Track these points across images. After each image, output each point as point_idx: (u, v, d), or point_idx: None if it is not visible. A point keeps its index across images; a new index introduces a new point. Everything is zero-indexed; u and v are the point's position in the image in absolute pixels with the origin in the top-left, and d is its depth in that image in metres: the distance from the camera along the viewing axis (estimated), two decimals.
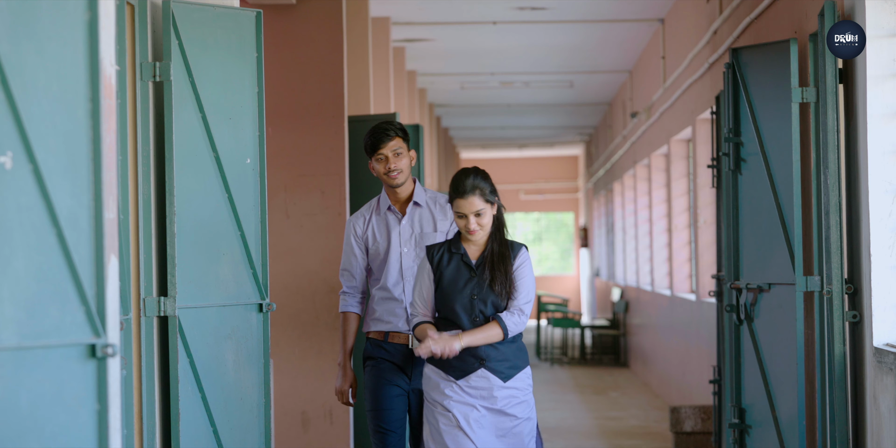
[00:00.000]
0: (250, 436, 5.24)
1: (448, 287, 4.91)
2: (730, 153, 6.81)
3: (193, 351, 5.02)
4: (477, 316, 4.87)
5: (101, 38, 3.35)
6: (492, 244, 4.92)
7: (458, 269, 4.92)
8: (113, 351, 3.28)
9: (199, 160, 5.10)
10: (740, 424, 6.90)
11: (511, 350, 4.92)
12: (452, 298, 4.89)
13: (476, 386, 4.87)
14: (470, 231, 4.88)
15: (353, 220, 5.41)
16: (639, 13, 12.35)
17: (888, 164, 5.38)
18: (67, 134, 3.23)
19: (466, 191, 4.86)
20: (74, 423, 3.23)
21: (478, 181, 4.88)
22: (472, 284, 4.89)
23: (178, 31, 5.02)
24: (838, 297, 5.61)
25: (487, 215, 4.88)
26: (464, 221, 4.89)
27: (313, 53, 8.00)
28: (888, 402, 5.13)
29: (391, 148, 5.26)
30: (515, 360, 4.94)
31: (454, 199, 4.89)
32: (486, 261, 4.90)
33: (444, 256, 4.96)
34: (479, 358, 4.87)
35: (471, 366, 4.88)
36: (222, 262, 5.16)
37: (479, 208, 4.85)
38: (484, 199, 4.86)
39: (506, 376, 4.90)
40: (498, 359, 4.89)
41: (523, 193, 28.00)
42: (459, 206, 4.88)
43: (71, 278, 3.22)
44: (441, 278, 4.94)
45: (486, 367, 4.88)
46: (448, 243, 4.99)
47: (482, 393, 4.87)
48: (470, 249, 4.95)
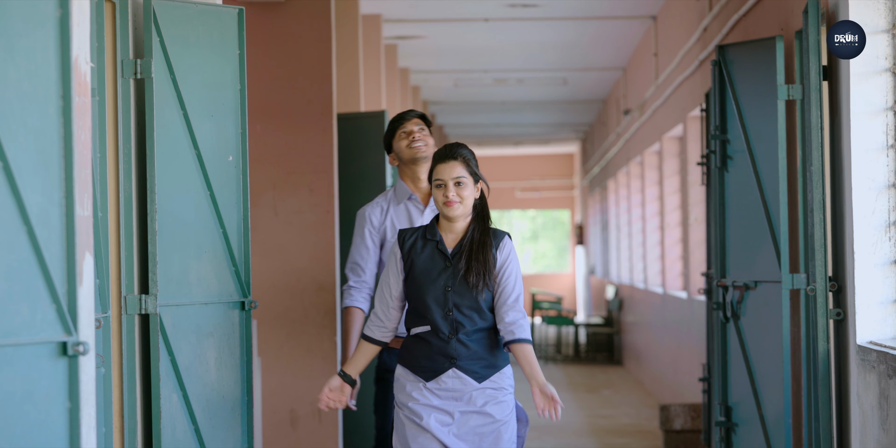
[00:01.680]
0: (232, 434, 5.23)
1: (420, 277, 4.51)
2: (716, 150, 6.80)
3: (175, 349, 5.00)
4: (450, 310, 4.48)
5: (74, 36, 3.34)
6: (472, 233, 4.50)
7: (431, 258, 4.51)
8: (84, 349, 3.27)
9: (181, 157, 5.08)
10: (727, 422, 6.89)
11: (483, 347, 4.51)
12: (424, 289, 4.49)
13: (448, 388, 4.48)
14: (448, 202, 4.46)
15: (368, 210, 5.11)
16: (631, 10, 12.35)
17: (872, 162, 5.37)
18: (38, 131, 3.22)
19: (449, 155, 4.50)
20: (45, 421, 3.22)
21: (464, 151, 4.53)
22: (447, 275, 4.49)
23: (160, 28, 5.00)
24: (822, 294, 5.61)
25: (469, 188, 4.48)
26: (441, 191, 4.47)
27: (302, 51, 7.99)
28: (871, 400, 5.12)
29: (414, 123, 5.10)
30: (492, 359, 4.53)
31: (435, 165, 4.51)
32: (463, 249, 4.48)
33: (416, 242, 4.55)
34: (450, 357, 4.49)
35: (441, 366, 4.49)
36: (204, 260, 5.15)
37: (460, 175, 4.46)
38: (467, 170, 4.49)
39: (481, 376, 4.50)
40: (470, 357, 4.49)
41: (519, 191, 27.98)
42: (439, 172, 4.48)
43: (42, 276, 3.21)
44: (412, 267, 4.53)
45: (458, 367, 4.48)
46: (423, 229, 4.58)
47: (455, 395, 4.48)
48: (447, 237, 4.55)
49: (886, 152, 5.37)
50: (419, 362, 4.52)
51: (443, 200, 4.48)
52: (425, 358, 4.50)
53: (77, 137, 3.35)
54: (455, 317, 4.49)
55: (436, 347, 4.49)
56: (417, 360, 4.52)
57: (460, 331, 4.50)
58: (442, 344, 4.49)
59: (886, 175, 5.36)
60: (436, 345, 4.50)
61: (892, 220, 5.35)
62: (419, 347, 4.55)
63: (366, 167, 8.72)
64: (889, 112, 5.37)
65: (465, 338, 4.50)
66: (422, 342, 4.54)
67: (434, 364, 4.50)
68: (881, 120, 5.37)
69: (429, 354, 4.49)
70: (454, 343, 4.48)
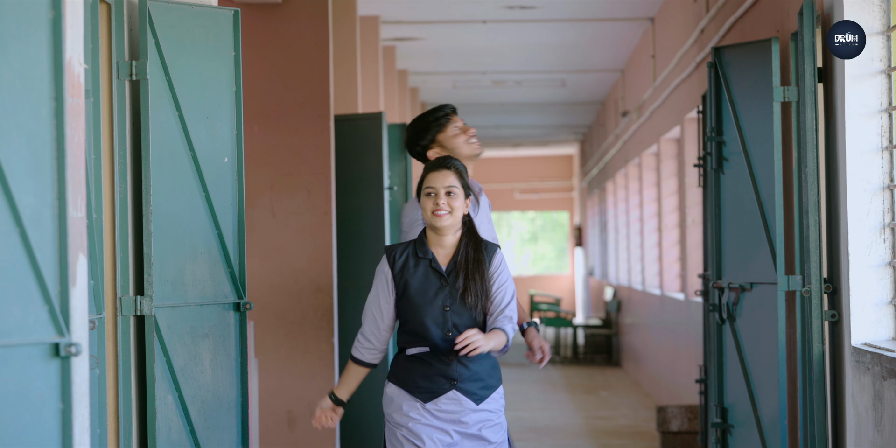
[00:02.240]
0: (228, 435, 5.23)
1: (416, 297, 4.34)
2: (712, 152, 6.81)
3: (170, 350, 5.01)
4: (450, 330, 4.31)
5: (68, 37, 3.35)
6: (465, 249, 4.36)
7: (426, 277, 4.35)
8: (77, 350, 3.27)
9: (176, 159, 5.09)
10: (722, 424, 6.89)
11: (485, 368, 4.39)
12: (421, 311, 4.32)
13: (446, 410, 4.33)
14: (437, 212, 4.32)
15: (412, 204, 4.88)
16: (629, 12, 12.36)
17: (867, 163, 5.38)
18: (31, 133, 3.22)
19: (443, 164, 4.38)
20: (38, 422, 3.22)
21: (458, 163, 4.41)
22: (444, 294, 4.33)
23: (155, 29, 5.01)
24: (817, 296, 5.61)
25: (460, 199, 4.35)
26: (432, 200, 4.33)
27: (299, 52, 8.00)
28: (866, 402, 5.13)
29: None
30: (489, 379, 4.40)
31: (426, 174, 4.38)
32: (458, 267, 4.34)
33: (408, 261, 4.38)
34: (451, 378, 4.33)
35: (441, 387, 4.33)
36: (199, 261, 5.15)
37: (452, 185, 4.32)
38: (460, 182, 4.36)
39: (479, 398, 4.36)
40: (471, 379, 4.35)
41: (518, 192, 27.98)
42: (431, 180, 4.35)
43: (34, 277, 3.21)
44: (406, 287, 4.36)
45: (458, 389, 4.33)
46: (413, 245, 4.41)
47: (452, 417, 4.33)
48: (439, 254, 4.40)
49: (881, 154, 5.37)
50: (416, 383, 4.36)
51: (432, 209, 4.33)
52: (424, 379, 4.34)
53: (71, 139, 3.35)
54: (455, 337, 4.29)
55: (436, 368, 4.33)
56: (414, 381, 4.36)
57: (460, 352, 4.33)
58: (442, 365, 4.34)
59: (881, 177, 5.36)
60: (436, 366, 4.35)
61: (886, 221, 5.35)
62: (417, 368, 4.39)
63: (363, 168, 8.73)
64: (884, 114, 5.37)
65: (465, 359, 4.35)
66: (420, 363, 4.39)
67: (433, 385, 4.35)
68: (876, 122, 5.37)
69: (428, 375, 4.34)
70: (455, 364, 4.33)
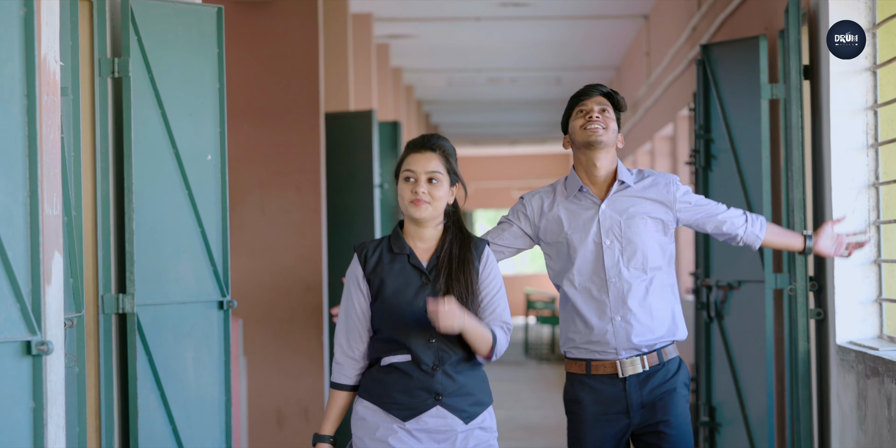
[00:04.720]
0: (211, 434, 5.22)
1: (393, 298, 3.76)
2: (700, 150, 6.80)
3: (152, 348, 4.99)
4: (432, 335, 3.73)
5: (43, 34, 3.33)
6: (449, 245, 3.78)
7: (403, 274, 3.77)
8: (49, 348, 3.26)
9: (159, 156, 5.07)
10: (710, 422, 6.88)
11: (474, 381, 3.80)
12: (399, 312, 3.74)
13: (430, 429, 3.73)
14: (416, 200, 3.73)
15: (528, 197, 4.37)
16: (623, 9, 12.35)
17: (852, 161, 5.36)
18: (1, 130, 3.21)
19: (426, 145, 3.78)
20: (8, 421, 3.21)
21: (445, 143, 3.81)
22: (426, 294, 3.74)
23: (137, 26, 4.99)
24: (802, 294, 5.59)
25: (444, 187, 3.76)
26: (410, 186, 3.74)
27: (289, 50, 7.99)
28: (850, 400, 5.11)
29: (597, 101, 4.40)
30: (479, 395, 3.81)
31: (406, 154, 3.79)
32: (440, 264, 3.76)
33: (382, 257, 3.80)
34: (434, 392, 3.73)
35: (423, 403, 3.73)
36: (182, 259, 5.13)
37: (435, 170, 3.75)
38: (445, 167, 3.77)
39: (468, 416, 3.77)
40: (458, 393, 3.75)
41: (515, 190, 27.97)
42: (411, 162, 3.75)
43: (5, 275, 3.20)
44: (381, 286, 3.77)
45: (444, 405, 3.74)
46: (387, 240, 3.83)
47: (437, 438, 3.73)
48: (417, 248, 3.81)
49: (866, 152, 5.35)
50: (394, 398, 3.74)
51: (410, 197, 3.74)
52: (403, 393, 3.73)
53: (45, 136, 3.34)
54: (439, 344, 3.75)
55: (416, 380, 3.72)
56: (391, 396, 3.74)
57: (446, 361, 3.76)
58: (424, 377, 3.73)
59: (866, 174, 5.35)
60: (417, 377, 3.74)
61: (871, 219, 5.33)
62: (394, 380, 3.77)
63: (354, 166, 8.72)
64: (869, 111, 5.35)
65: (452, 369, 3.76)
66: (398, 374, 3.76)
67: (414, 401, 3.73)
68: (861, 119, 5.35)
69: (407, 389, 3.73)
70: (439, 376, 3.74)
